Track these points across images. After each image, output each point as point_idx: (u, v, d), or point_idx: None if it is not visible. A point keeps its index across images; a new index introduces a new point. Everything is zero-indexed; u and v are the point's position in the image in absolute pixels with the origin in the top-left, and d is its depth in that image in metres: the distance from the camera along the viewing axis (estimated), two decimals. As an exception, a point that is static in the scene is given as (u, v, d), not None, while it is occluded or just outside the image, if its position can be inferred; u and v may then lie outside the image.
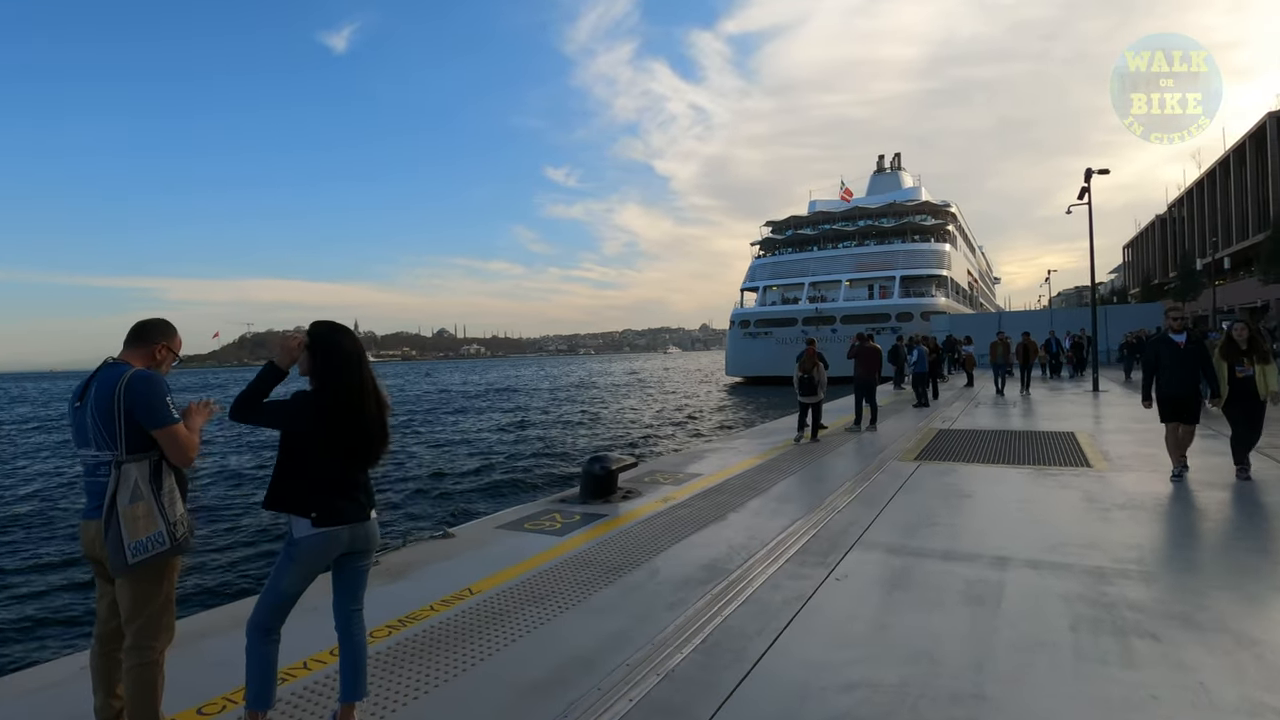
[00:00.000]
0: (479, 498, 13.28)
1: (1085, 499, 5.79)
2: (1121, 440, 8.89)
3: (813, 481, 7.00)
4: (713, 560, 4.42)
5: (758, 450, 9.11)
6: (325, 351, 2.50)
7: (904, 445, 9.16)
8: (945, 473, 7.18)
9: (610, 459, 6.33)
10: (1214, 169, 49.25)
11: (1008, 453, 8.28)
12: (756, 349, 49.55)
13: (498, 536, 5.19)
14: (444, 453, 19.92)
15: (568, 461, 17.38)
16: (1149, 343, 6.74)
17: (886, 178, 66.51)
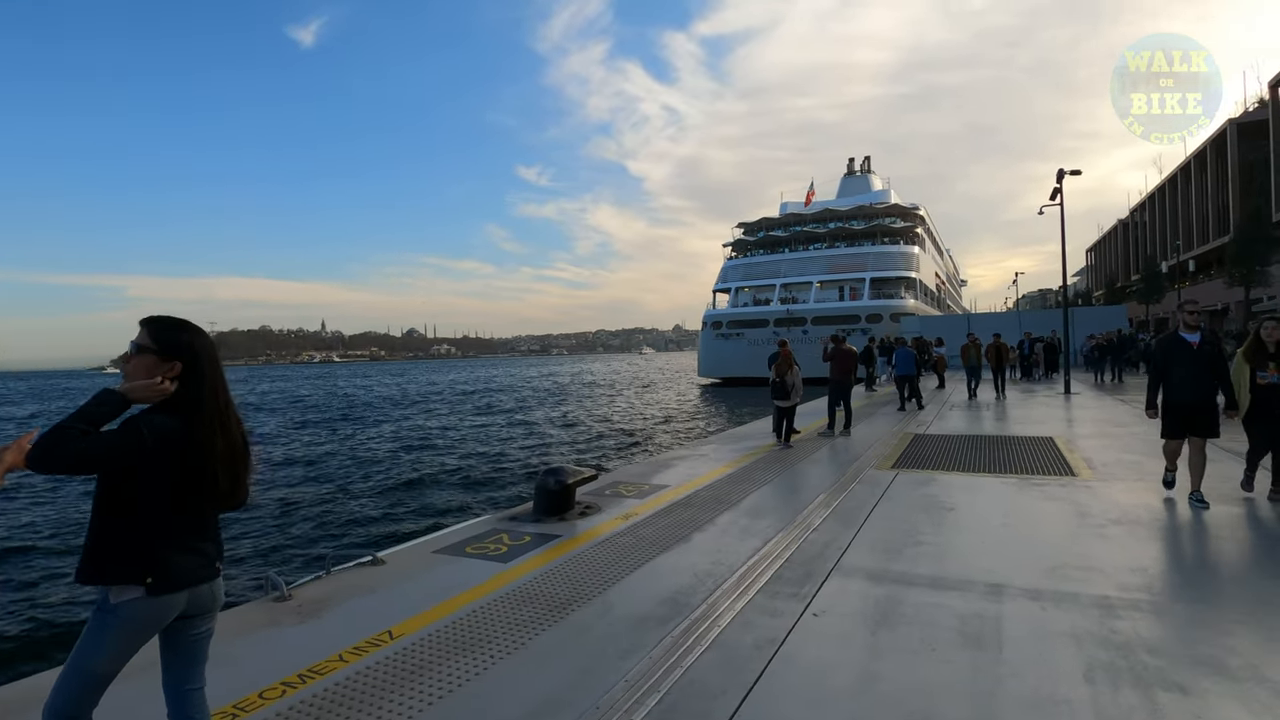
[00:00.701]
0: (421, 514, 12.40)
1: (1076, 513, 5.40)
2: (1102, 446, 8.59)
3: (786, 493, 6.53)
4: (675, 592, 3.90)
5: (728, 457, 8.64)
6: (191, 363, 1.92)
7: (880, 452, 8.76)
8: (924, 483, 6.76)
9: (567, 472, 5.78)
10: (1175, 175, 50.37)
11: (987, 460, 7.92)
12: (729, 350, 49.53)
13: (434, 563, 4.61)
14: (389, 462, 18.83)
15: (527, 472, 16.67)
16: (1158, 343, 5.82)
17: (857, 180, 66.98)
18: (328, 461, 19.11)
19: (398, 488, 14.85)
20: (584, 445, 21.54)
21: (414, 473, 16.58)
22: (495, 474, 16.52)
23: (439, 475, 16.23)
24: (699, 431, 24.46)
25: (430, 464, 18.06)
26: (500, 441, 22.73)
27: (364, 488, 14.94)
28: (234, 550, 9.71)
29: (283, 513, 12.51)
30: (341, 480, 15.93)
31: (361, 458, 19.60)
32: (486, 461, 18.42)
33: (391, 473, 16.82)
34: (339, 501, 13.59)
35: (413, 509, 12.83)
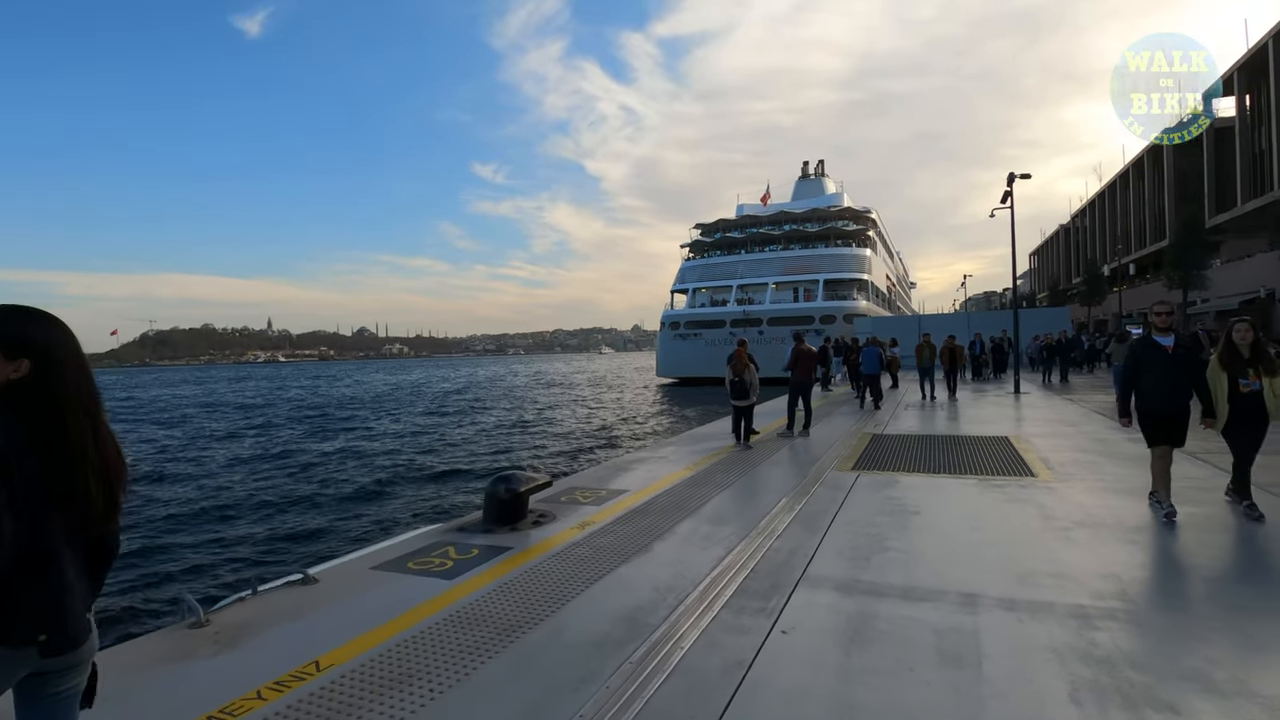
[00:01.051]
0: (363, 526, 11.66)
1: (1040, 515, 5.32)
2: (1056, 445, 8.65)
3: (748, 497, 6.33)
4: (634, 610, 3.62)
5: (688, 459, 8.41)
6: (43, 361, 1.55)
7: (840, 452, 8.65)
8: (887, 484, 6.65)
9: (519, 478, 5.45)
10: (1114, 182, 52.50)
11: (947, 460, 7.87)
12: (687, 350, 49.73)
13: (371, 581, 4.24)
14: (329, 469, 17.75)
15: (478, 478, 15.99)
16: (1130, 346, 5.40)
17: (811, 183, 67.96)
18: (261, 469, 18.12)
19: (338, 497, 14.06)
20: (540, 448, 20.91)
21: (357, 480, 15.77)
22: (445, 481, 15.82)
23: (384, 483, 15.50)
24: (658, 432, 24.05)
25: (375, 471, 17.22)
26: (451, 446, 21.84)
27: (301, 497, 14.12)
28: (146, 571, 9.02)
29: (207, 527, 11.68)
30: (276, 489, 15.04)
31: (300, 464, 18.64)
32: (436, 468, 17.68)
33: (332, 481, 15.95)
34: (272, 513, 12.76)
35: (353, 520, 12.10)
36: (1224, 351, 5.05)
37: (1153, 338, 5.21)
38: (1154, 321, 5.28)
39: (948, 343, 16.45)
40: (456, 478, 16.14)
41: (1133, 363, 5.23)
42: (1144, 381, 5.15)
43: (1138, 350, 5.24)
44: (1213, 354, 5.20)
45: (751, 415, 9.48)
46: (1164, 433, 5.14)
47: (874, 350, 14.27)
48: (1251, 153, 32.62)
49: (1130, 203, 51.01)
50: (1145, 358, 5.16)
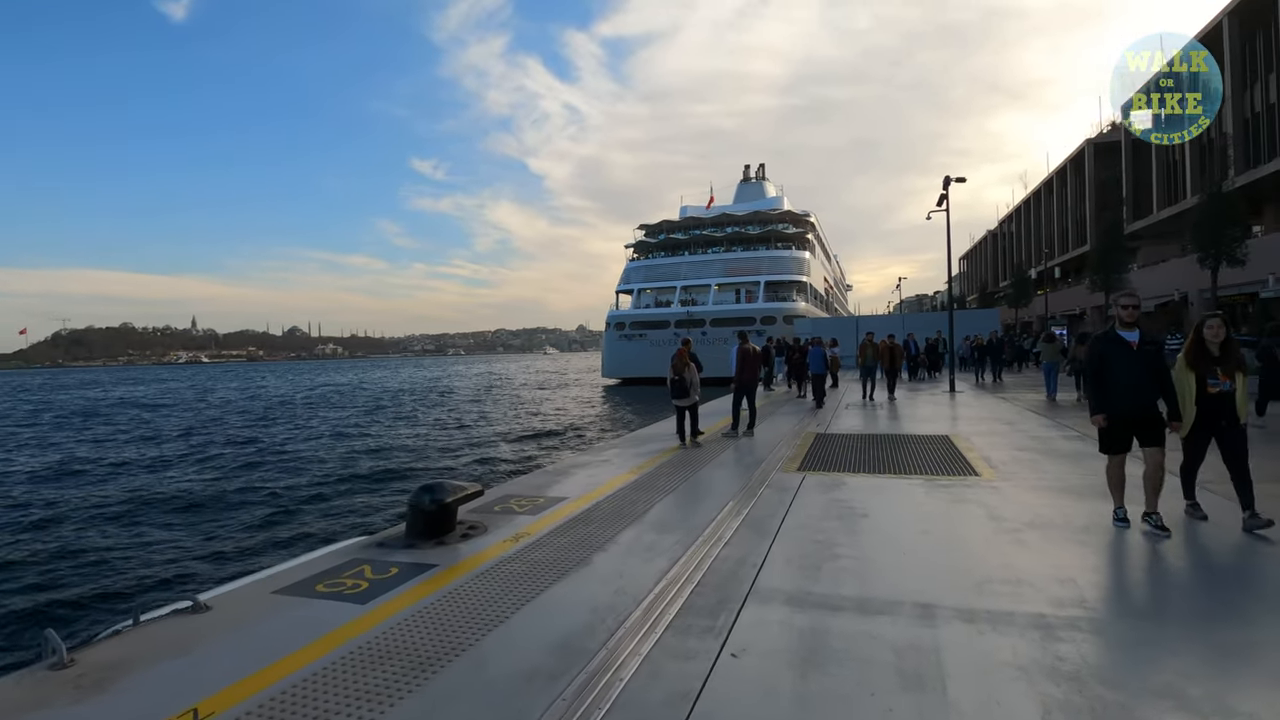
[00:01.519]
0: (273, 542, 10.63)
1: (988, 516, 5.22)
2: (995, 444, 8.71)
3: (693, 502, 6.05)
4: (569, 635, 3.27)
5: (631, 463, 8.09)
6: None
7: (785, 453, 8.49)
8: (833, 486, 6.48)
9: (445, 487, 5.01)
10: (1039, 189, 55.09)
11: (891, 460, 7.79)
12: (632, 350, 49.65)
13: (273, 607, 3.75)
14: (241, 480, 16.43)
15: (405, 488, 15.06)
16: (1092, 342, 4.98)
17: (752, 186, 68.90)
18: (165, 479, 16.75)
19: (245, 511, 13.02)
20: (477, 453, 20.05)
21: (268, 491, 14.77)
22: (370, 491, 14.92)
23: (299, 494, 14.54)
24: (602, 434, 23.49)
25: (290, 481, 16.16)
26: (378, 453, 20.64)
27: (207, 511, 13.03)
28: (4, 602, 8.08)
29: (90, 547, 10.40)
30: (178, 503, 13.83)
31: (208, 475, 17.33)
32: (360, 476, 16.58)
33: (243, 492, 14.92)
34: (171, 528, 11.60)
35: (260, 536, 11.07)
36: (1192, 349, 4.67)
37: (1117, 332, 4.77)
38: (1119, 315, 4.81)
39: (887, 342, 16.37)
40: (383, 487, 15.22)
41: (1096, 360, 4.79)
42: (1109, 379, 4.71)
43: (1100, 346, 4.81)
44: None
45: (696, 415, 9.29)
46: (1125, 439, 4.75)
47: (819, 350, 14.60)
48: (1167, 163, 34.59)
49: (1054, 209, 53.57)
50: (1110, 355, 4.71)
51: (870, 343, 15.86)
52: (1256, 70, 26.60)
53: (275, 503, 13.70)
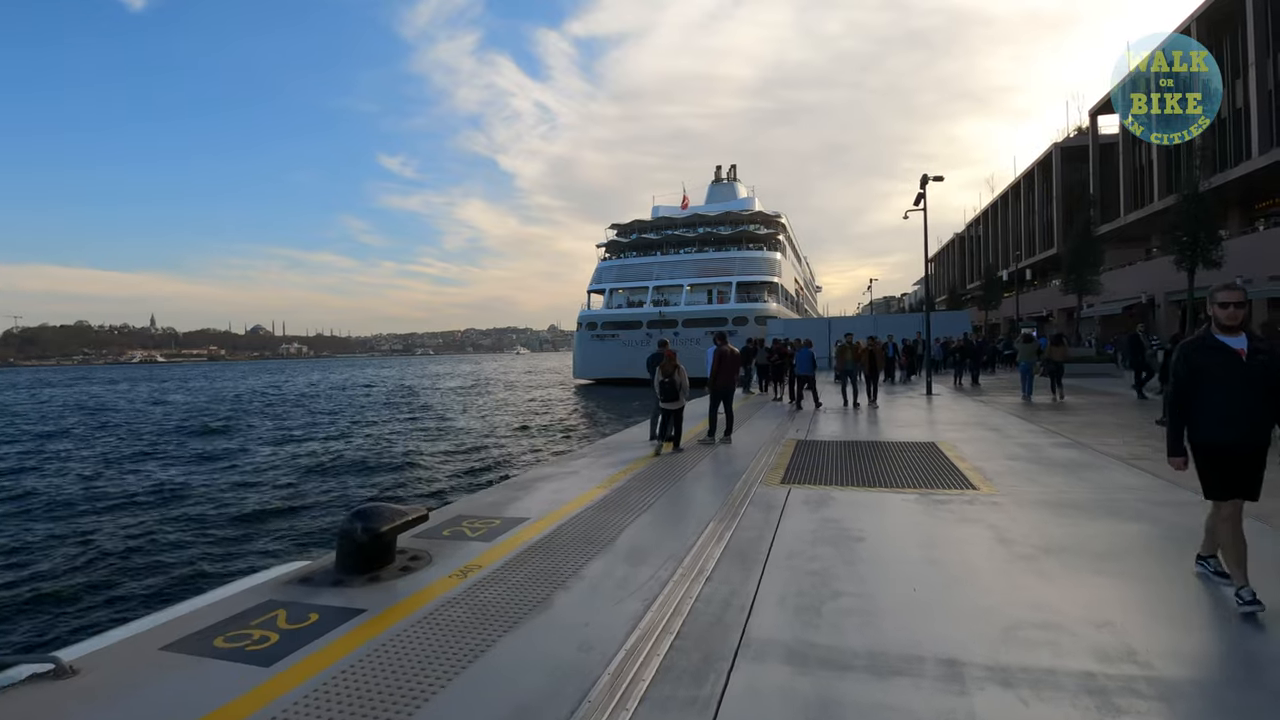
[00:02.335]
0: (172, 578, 8.81)
1: (997, 539, 4.69)
2: (985, 452, 8.25)
3: (670, 523, 5.42)
4: (520, 709, 2.61)
5: (601, 474, 7.45)
6: None
7: (766, 462, 7.92)
8: (821, 502, 5.91)
9: (382, 513, 4.30)
10: (1007, 193, 55.77)
11: (879, 471, 7.27)
12: (603, 351, 49.16)
13: (160, 670, 3.02)
14: (148, 498, 14.12)
15: (345, 508, 12.89)
16: (1182, 350, 3.60)
17: (724, 187, 68.84)
18: (55, 494, 14.62)
19: (145, 537, 10.92)
20: (430, 465, 18.32)
21: (183, 513, 12.76)
22: (304, 511, 13.03)
23: (218, 515, 12.64)
24: (570, 440, 22.35)
25: (214, 499, 14.06)
26: (318, 468, 18.23)
27: (100, 537, 10.90)
28: None
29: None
30: (62, 527, 11.63)
31: (111, 491, 15.10)
32: (296, 494, 14.68)
33: (148, 513, 12.74)
34: (46, 561, 9.56)
35: (162, 571, 9.21)
36: None
37: (1215, 337, 3.50)
38: (1216, 316, 3.52)
39: (869, 345, 15.26)
40: (316, 509, 13.30)
41: (1186, 375, 3.54)
42: (1206, 400, 3.48)
43: (1194, 357, 3.53)
44: None
45: (681, 419, 8.93)
46: (1234, 478, 3.44)
47: (807, 352, 14.12)
48: (1134, 168, 35.05)
49: (1021, 213, 54.24)
50: (1207, 367, 3.47)
51: (850, 344, 14.83)
52: (1224, 75, 26.90)
53: (183, 526, 11.78)
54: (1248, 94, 26.20)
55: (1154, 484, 6.25)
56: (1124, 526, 4.90)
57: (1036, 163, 49.69)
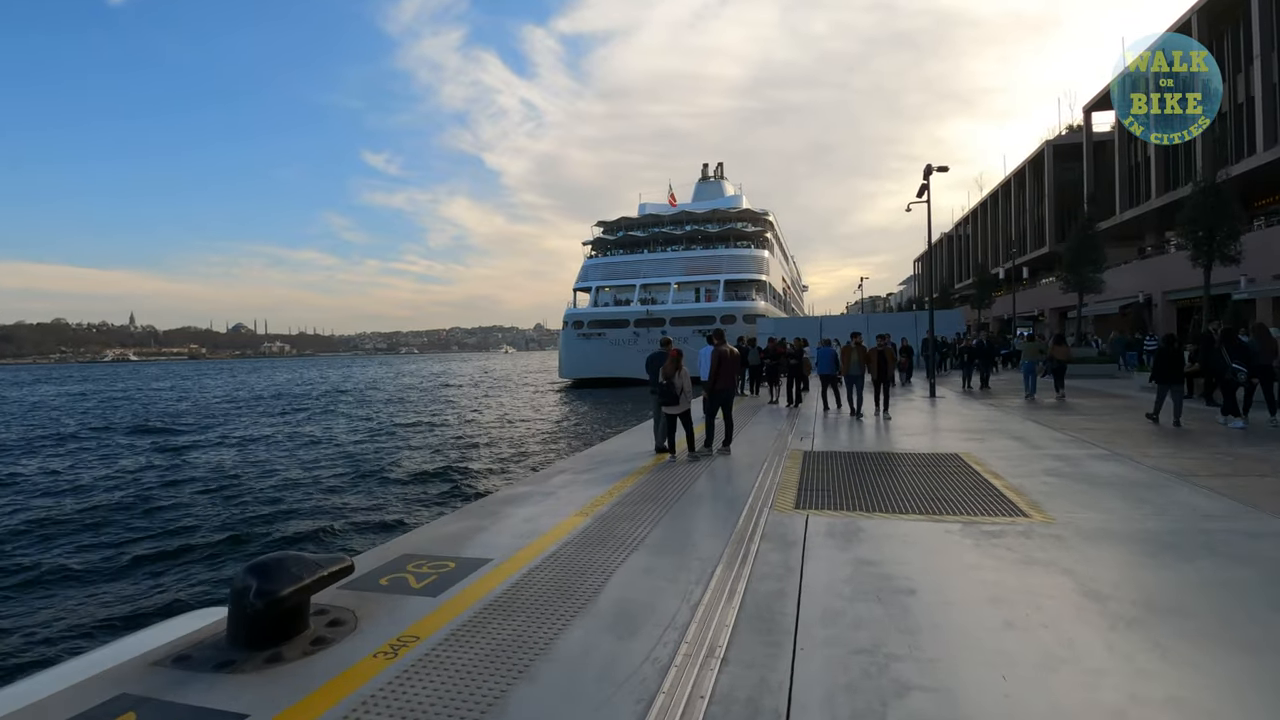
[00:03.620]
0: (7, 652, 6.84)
1: (1080, 590, 3.70)
2: (1018, 467, 7.28)
3: (669, 569, 4.34)
4: None
5: (584, 495, 6.40)
6: None
7: (772, 479, 6.91)
8: (849, 536, 4.90)
9: (285, 571, 3.21)
10: (997, 191, 55.29)
11: (905, 491, 6.28)
12: (590, 350, 48.26)
13: None
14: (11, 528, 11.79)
15: (270, 537, 11.19)
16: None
17: (711, 185, 68.22)
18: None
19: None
20: (384, 481, 15.87)
21: (35, 553, 10.41)
22: (215, 552, 10.52)
23: (98, 556, 10.29)
24: (551, 449, 20.49)
25: (106, 532, 11.56)
26: (252, 488, 15.21)
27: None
28: None
29: None
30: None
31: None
32: (206, 524, 12.06)
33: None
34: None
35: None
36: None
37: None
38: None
39: (879, 345, 12.81)
40: (232, 546, 10.82)
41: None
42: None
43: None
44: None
45: (690, 424, 8.27)
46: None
47: (828, 350, 13.42)
48: (1129, 165, 34.46)
49: (1012, 211, 53.76)
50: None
51: (857, 345, 12.73)
52: (1225, 70, 26.36)
53: (34, 576, 9.27)
54: (1250, 88, 25.63)
55: (1233, 509, 5.32)
56: (1234, 572, 3.94)
57: (1028, 161, 49.19)
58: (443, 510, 11.70)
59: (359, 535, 11.33)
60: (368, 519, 12.45)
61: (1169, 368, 10.13)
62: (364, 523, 12.17)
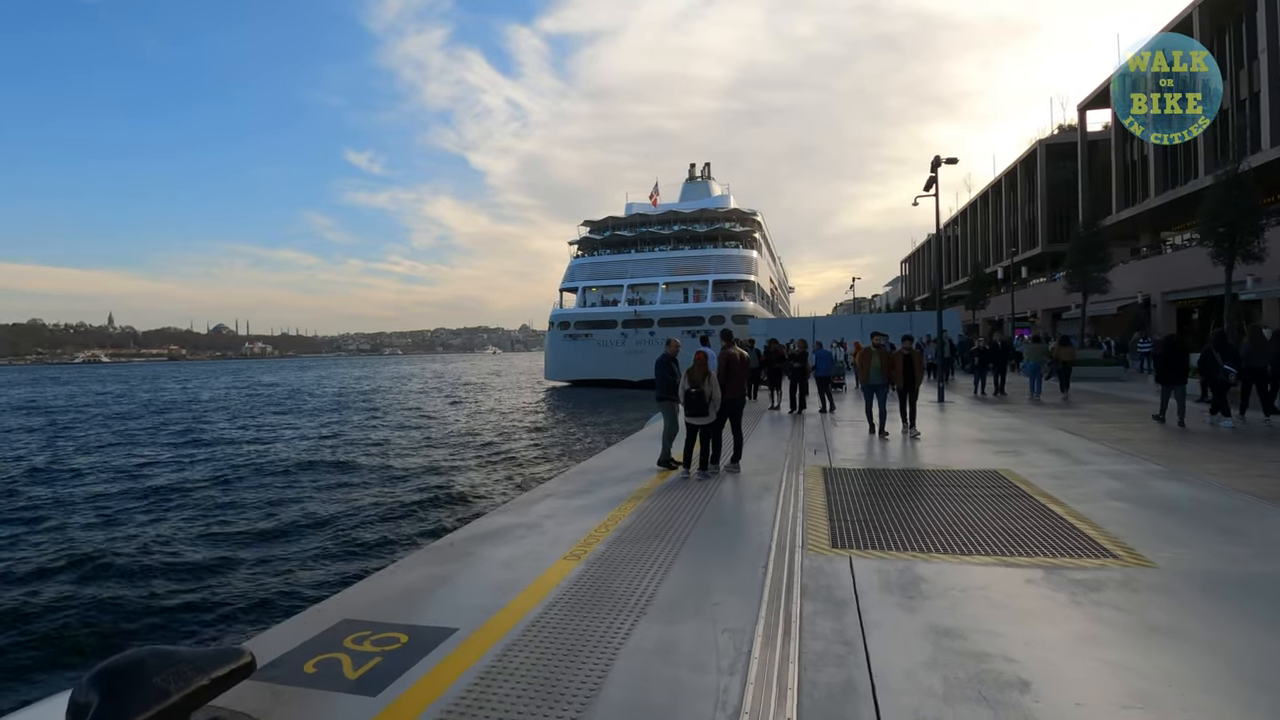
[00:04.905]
0: None
1: (1234, 672, 2.75)
2: (1075, 490, 6.32)
3: (688, 647, 3.30)
4: None
5: (574, 529, 5.36)
6: None
7: (795, 504, 5.92)
8: (909, 589, 3.91)
9: (145, 679, 2.16)
10: (986, 192, 54.85)
11: (955, 520, 5.30)
12: (577, 351, 47.21)
13: None
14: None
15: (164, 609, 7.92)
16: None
17: (698, 185, 67.51)
18: None
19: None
20: (336, 509, 12.52)
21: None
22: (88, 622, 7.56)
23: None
24: (535, 460, 18.10)
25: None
26: (141, 526, 11.76)
27: None
28: None
29: None
30: None
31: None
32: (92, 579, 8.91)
33: None
34: None
35: None
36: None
37: None
38: None
39: (904, 348, 10.51)
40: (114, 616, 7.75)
41: None
42: None
43: None
44: None
45: (720, 438, 7.50)
46: None
47: (827, 353, 13.39)
48: (1125, 163, 33.95)
49: (1002, 211, 53.31)
50: None
51: (878, 349, 10.40)
52: (1228, 64, 25.84)
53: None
54: (1253, 83, 25.09)
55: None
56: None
57: (1019, 160, 48.73)
58: (401, 546, 9.80)
59: (294, 578, 8.74)
60: (309, 551, 9.90)
61: (1172, 368, 10.20)
62: (304, 554, 9.69)
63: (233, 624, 7.37)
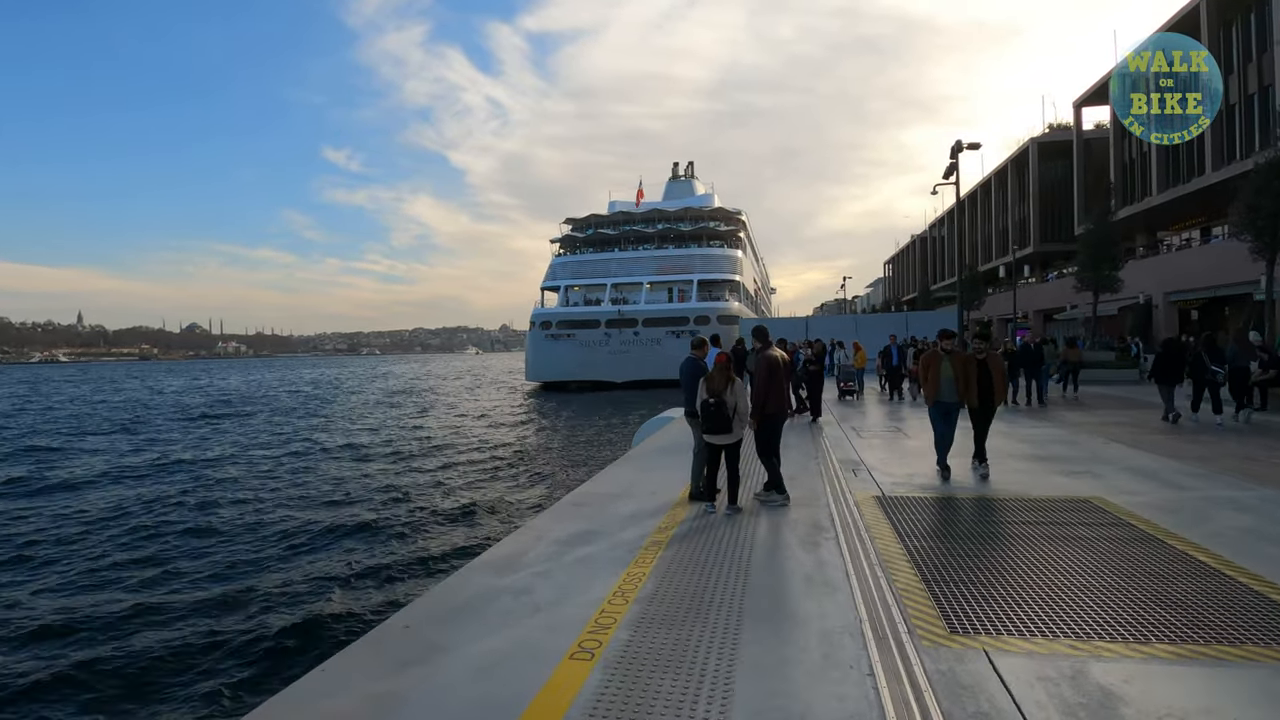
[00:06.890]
0: None
1: None
2: (1194, 522, 5.08)
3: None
4: None
5: (581, 599, 3.94)
6: None
7: (863, 552, 4.58)
8: (1100, 713, 2.57)
9: None
10: (975, 191, 54.18)
11: (1091, 579, 3.98)
12: (559, 351, 45.76)
13: None
14: None
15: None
16: None
17: (682, 184, 66.73)
18: None
19: None
20: (251, 565, 9.43)
21: None
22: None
23: None
24: (516, 485, 14.33)
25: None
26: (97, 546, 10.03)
27: None
28: None
29: None
30: None
31: None
32: None
33: None
34: None
35: None
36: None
37: None
38: None
39: (977, 351, 7.29)
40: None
41: None
42: None
43: None
44: None
45: (736, 461, 5.97)
46: None
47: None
48: (1123, 161, 33.25)
49: (992, 211, 52.69)
50: None
51: (948, 354, 7.07)
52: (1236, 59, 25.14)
53: None
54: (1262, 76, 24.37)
55: None
56: None
57: (1010, 159, 48.04)
58: (328, 632, 6.90)
59: (189, 677, 6.19)
60: (192, 639, 6.91)
61: (1169, 369, 10.77)
62: (199, 648, 6.73)
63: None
